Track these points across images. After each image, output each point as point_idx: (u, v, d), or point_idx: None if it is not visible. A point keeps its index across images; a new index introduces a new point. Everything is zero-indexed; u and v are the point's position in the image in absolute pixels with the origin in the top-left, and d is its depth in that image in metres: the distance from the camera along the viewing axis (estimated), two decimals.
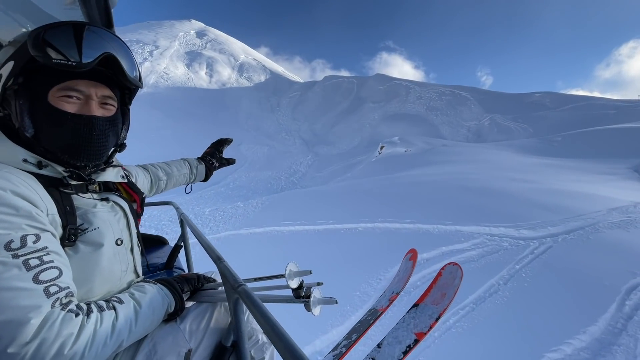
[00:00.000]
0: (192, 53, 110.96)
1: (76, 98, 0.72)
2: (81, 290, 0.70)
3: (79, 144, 0.72)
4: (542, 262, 4.16)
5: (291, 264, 0.90)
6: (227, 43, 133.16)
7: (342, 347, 1.31)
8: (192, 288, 0.92)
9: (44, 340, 0.53)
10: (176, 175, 1.36)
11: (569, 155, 20.65)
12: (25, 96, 0.69)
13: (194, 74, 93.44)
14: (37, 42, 0.64)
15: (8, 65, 0.67)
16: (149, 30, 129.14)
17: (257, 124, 72.12)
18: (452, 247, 4.77)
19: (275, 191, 22.42)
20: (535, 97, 58.97)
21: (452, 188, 7.93)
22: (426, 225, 5.65)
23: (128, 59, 0.78)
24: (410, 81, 79.15)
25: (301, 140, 55.65)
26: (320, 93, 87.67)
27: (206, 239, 1.08)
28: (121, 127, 0.87)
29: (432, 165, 16.57)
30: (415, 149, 22.37)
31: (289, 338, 0.50)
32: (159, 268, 1.61)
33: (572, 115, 43.78)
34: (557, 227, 5.29)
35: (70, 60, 0.66)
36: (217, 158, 1.53)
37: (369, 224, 5.77)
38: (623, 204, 6.45)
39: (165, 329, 0.80)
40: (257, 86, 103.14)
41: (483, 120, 50.13)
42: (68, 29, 0.67)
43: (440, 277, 1.39)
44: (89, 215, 0.75)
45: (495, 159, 17.30)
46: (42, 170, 0.70)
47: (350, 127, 63.02)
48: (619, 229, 5.12)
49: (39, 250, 0.59)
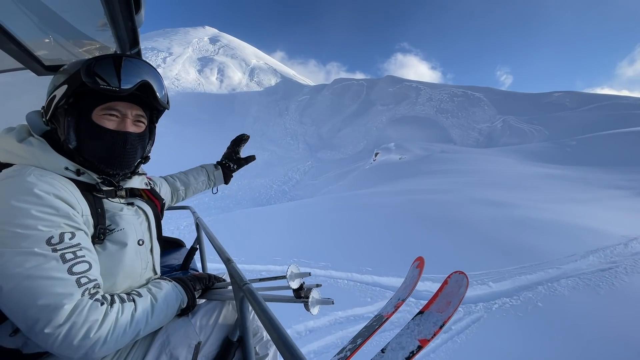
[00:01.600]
0: (204, 59, 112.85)
1: (115, 117, 0.82)
2: (106, 283, 0.77)
3: (114, 155, 0.82)
4: (456, 348, 2.94)
5: (292, 266, 0.95)
6: (240, 48, 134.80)
7: (347, 351, 1.33)
8: (203, 286, 0.98)
9: (74, 324, 0.62)
10: (193, 184, 1.43)
11: (582, 162, 18.61)
12: (73, 114, 0.79)
13: (204, 80, 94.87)
14: (89, 71, 0.75)
15: (62, 88, 0.77)
16: (164, 38, 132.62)
17: (263, 129, 71.94)
18: (352, 310, 3.59)
19: (261, 203, 21.49)
20: (554, 96, 55.57)
21: (404, 216, 6.64)
22: (339, 272, 4.46)
23: (159, 85, 0.87)
24: (421, 82, 76.90)
25: (305, 144, 54.77)
26: (329, 96, 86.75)
27: (218, 242, 1.15)
28: (147, 141, 0.96)
29: (419, 176, 15.17)
30: (411, 156, 20.93)
31: (286, 335, 0.54)
32: (176, 269, 1.65)
33: (594, 115, 40.65)
34: (501, 284, 3.98)
35: (112, 86, 0.76)
36: (234, 160, 1.54)
37: (265, 265, 4.67)
38: (612, 241, 5.01)
39: (178, 322, 0.86)
40: (267, 90, 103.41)
41: (496, 123, 47.57)
42: (110, 61, 0.77)
43: (446, 286, 1.38)
44: (116, 217, 0.82)
45: (494, 168, 15.62)
46: (80, 177, 0.79)
47: (357, 130, 61.60)
48: (591, 290, 3.70)
49: (74, 246, 0.67)
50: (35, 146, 0.76)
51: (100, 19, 0.91)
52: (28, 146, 0.76)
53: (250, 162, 1.58)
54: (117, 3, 0.76)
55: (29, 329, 0.61)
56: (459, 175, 13.19)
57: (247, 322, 0.82)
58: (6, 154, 0.76)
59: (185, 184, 1.41)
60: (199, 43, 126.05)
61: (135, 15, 0.84)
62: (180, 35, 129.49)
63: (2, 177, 0.70)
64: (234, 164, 1.53)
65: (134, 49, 1.05)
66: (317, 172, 29.90)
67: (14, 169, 0.72)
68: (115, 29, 0.90)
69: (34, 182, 0.68)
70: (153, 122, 0.99)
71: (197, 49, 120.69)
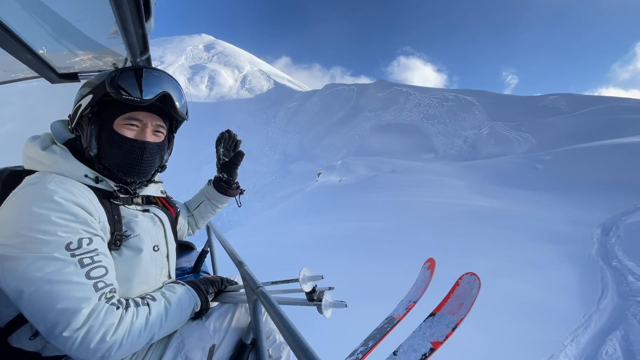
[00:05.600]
0: (196, 67, 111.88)
1: (135, 126, 0.84)
2: (122, 288, 0.78)
3: (131, 163, 0.84)
4: None
5: (305, 269, 0.94)
6: (235, 55, 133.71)
7: (359, 354, 1.28)
8: (216, 290, 0.98)
9: (91, 327, 0.63)
10: (196, 209, 1.34)
11: (547, 184, 15.60)
12: (95, 122, 0.81)
13: (193, 88, 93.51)
14: (114, 83, 0.78)
15: (87, 98, 0.80)
16: (158, 47, 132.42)
17: (243, 139, 69.31)
18: None
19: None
20: (550, 99, 52.00)
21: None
22: None
23: (179, 96, 0.89)
24: (411, 87, 73.80)
25: (283, 155, 52.24)
26: (319, 103, 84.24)
27: (230, 245, 1.18)
28: (166, 151, 0.97)
29: (337, 209, 12.54)
30: (352, 178, 18.26)
31: (301, 337, 0.53)
32: (187, 271, 1.64)
33: (586, 121, 37.15)
34: None
35: (134, 96, 0.79)
36: (221, 167, 1.31)
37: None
38: None
39: (192, 325, 0.87)
40: (258, 97, 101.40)
41: (483, 130, 44.36)
42: (131, 73, 0.81)
43: (457, 287, 1.32)
44: (131, 224, 0.83)
45: (432, 200, 12.78)
46: (98, 184, 0.81)
47: (340, 139, 58.85)
48: None
49: (92, 251, 0.68)
50: (57, 154, 0.78)
51: (111, 27, 0.94)
52: (51, 154, 0.78)
53: (240, 160, 1.29)
54: (128, 11, 0.75)
55: (48, 332, 0.62)
56: (382, 210, 10.48)
57: (260, 325, 0.83)
58: (30, 161, 0.79)
59: (190, 210, 1.35)
60: (193, 51, 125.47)
61: (145, 23, 0.83)
62: (175, 44, 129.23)
63: (25, 185, 0.72)
64: (223, 172, 1.30)
65: (144, 55, 1.02)
66: (271, 191, 27.42)
67: (36, 176, 0.74)
68: (126, 36, 0.89)
69: (54, 190, 0.69)
70: (172, 132, 1.00)
71: (190, 57, 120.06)
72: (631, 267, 6.30)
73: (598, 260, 6.73)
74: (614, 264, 6.58)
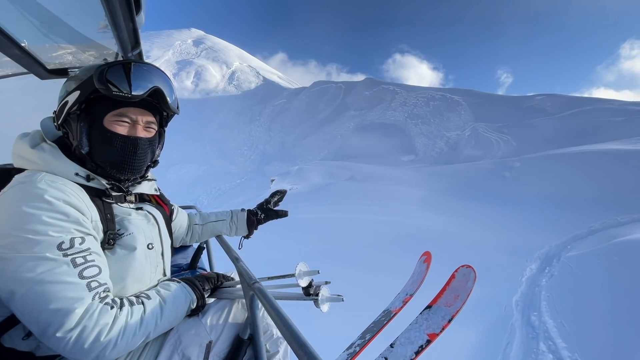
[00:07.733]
0: (182, 62, 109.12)
1: (126, 122, 0.82)
2: (116, 287, 0.78)
3: (124, 160, 0.83)
4: None
5: (301, 264, 0.92)
6: (224, 50, 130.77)
7: (356, 347, 1.30)
8: (212, 286, 0.98)
9: (85, 327, 0.62)
10: (213, 222, 1.35)
11: (509, 198, 14.28)
12: (85, 119, 0.80)
13: (178, 84, 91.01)
14: (102, 78, 0.75)
15: (74, 94, 0.78)
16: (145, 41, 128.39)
17: (223, 137, 67.64)
18: None
19: None
20: (536, 100, 50.89)
21: None
22: None
23: (170, 90, 0.87)
24: (399, 85, 72.23)
25: (261, 155, 50.53)
26: (306, 100, 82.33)
27: (226, 241, 1.20)
28: (157, 146, 0.95)
29: None
30: (305, 186, 16.82)
31: (298, 332, 0.54)
32: (184, 268, 1.63)
33: (571, 122, 36.01)
34: None
35: (125, 92, 0.77)
36: (264, 209, 1.42)
37: None
38: None
39: (189, 322, 0.87)
40: (245, 94, 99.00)
41: (465, 131, 43.10)
42: (120, 67, 0.78)
43: (453, 280, 1.34)
44: (125, 222, 0.83)
45: (372, 218, 11.35)
46: (90, 183, 0.80)
47: (322, 138, 57.24)
48: None
49: (84, 250, 0.68)
50: (47, 152, 0.77)
51: (101, 21, 0.90)
52: (40, 152, 0.77)
53: (281, 217, 1.42)
54: (118, 4, 0.73)
55: (41, 332, 0.61)
56: (304, 230, 9.06)
57: (257, 320, 0.83)
58: (20, 159, 0.78)
59: (204, 220, 1.36)
60: (181, 46, 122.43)
61: (135, 16, 0.82)
62: (163, 38, 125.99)
63: (14, 183, 0.71)
64: (262, 213, 1.40)
65: (136, 50, 1.00)
66: (233, 195, 25.79)
67: (25, 175, 0.73)
68: (116, 30, 0.88)
69: (44, 189, 0.68)
70: (162, 127, 0.98)
71: (177, 52, 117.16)
72: (549, 327, 4.98)
73: (513, 314, 5.38)
74: (532, 320, 5.25)
